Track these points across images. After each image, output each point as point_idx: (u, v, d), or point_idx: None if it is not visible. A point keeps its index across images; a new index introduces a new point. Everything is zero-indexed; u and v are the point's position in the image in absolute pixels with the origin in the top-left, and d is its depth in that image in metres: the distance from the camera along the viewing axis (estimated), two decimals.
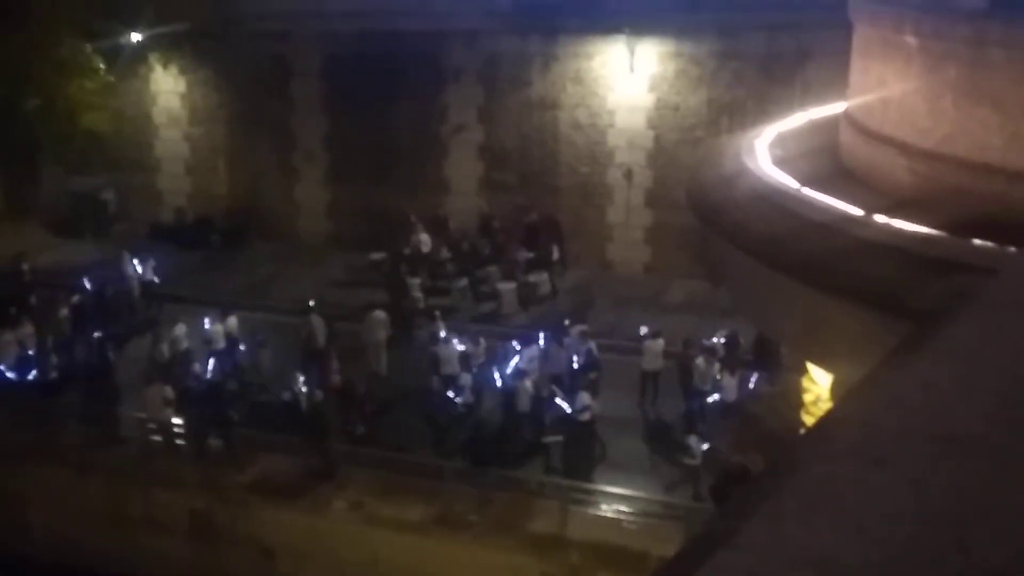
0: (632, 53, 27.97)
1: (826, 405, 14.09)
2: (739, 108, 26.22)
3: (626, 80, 28.25)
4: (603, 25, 27.96)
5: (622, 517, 17.43)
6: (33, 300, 25.28)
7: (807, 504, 3.79)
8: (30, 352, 22.39)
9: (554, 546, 16.99)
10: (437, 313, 23.25)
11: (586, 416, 18.56)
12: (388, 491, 18.53)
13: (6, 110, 30.07)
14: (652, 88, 28.11)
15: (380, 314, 23.05)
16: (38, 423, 21.13)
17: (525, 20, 28.49)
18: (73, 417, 21.12)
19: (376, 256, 27.84)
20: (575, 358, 21.03)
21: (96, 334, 22.62)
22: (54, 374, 21.50)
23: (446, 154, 30.40)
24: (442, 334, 21.91)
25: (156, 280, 26.40)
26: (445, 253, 27.71)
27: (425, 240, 27.85)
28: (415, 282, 25.67)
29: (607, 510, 17.62)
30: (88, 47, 30.66)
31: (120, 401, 21.17)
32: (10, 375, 21.94)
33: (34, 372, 22.10)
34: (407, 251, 27.56)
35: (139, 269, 26.61)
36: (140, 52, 31.82)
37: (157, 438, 20.71)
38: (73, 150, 31.12)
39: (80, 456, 20.35)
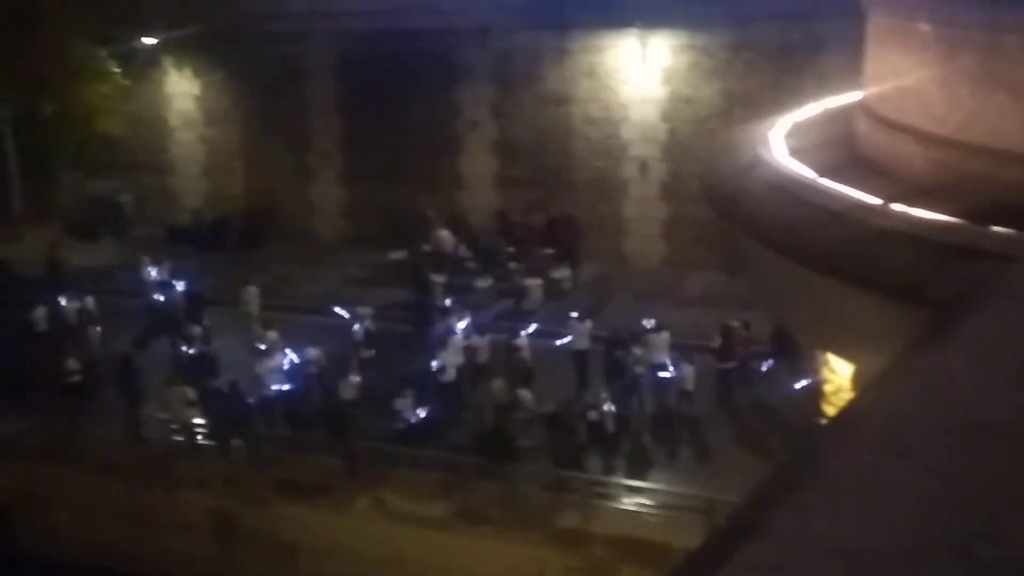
0: (644, 46, 27.93)
1: (847, 395, 14.08)
2: (753, 99, 26.12)
3: (639, 73, 28.22)
4: (615, 19, 27.93)
5: (644, 510, 17.45)
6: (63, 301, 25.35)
7: (833, 495, 3.81)
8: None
9: (577, 540, 17.04)
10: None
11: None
12: (410, 488, 18.60)
13: (24, 116, 30.34)
14: (665, 81, 28.06)
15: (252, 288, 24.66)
16: (62, 425, 21.28)
17: (537, 15, 28.48)
18: (96, 418, 21.22)
19: (395, 255, 27.91)
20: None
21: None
22: (77, 377, 21.63)
23: (460, 151, 30.43)
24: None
25: (174, 283, 26.46)
26: (465, 250, 27.75)
27: (445, 237, 27.90)
28: (438, 279, 25.70)
29: (629, 504, 17.65)
30: (102, 52, 30.84)
31: (143, 402, 21.29)
32: None
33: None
34: (427, 248, 27.62)
35: (157, 272, 26.74)
36: (154, 55, 31.99)
37: (179, 438, 20.86)
38: (89, 154, 31.34)
39: (103, 457, 20.49)
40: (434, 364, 20.63)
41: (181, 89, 32.86)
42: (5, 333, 23.49)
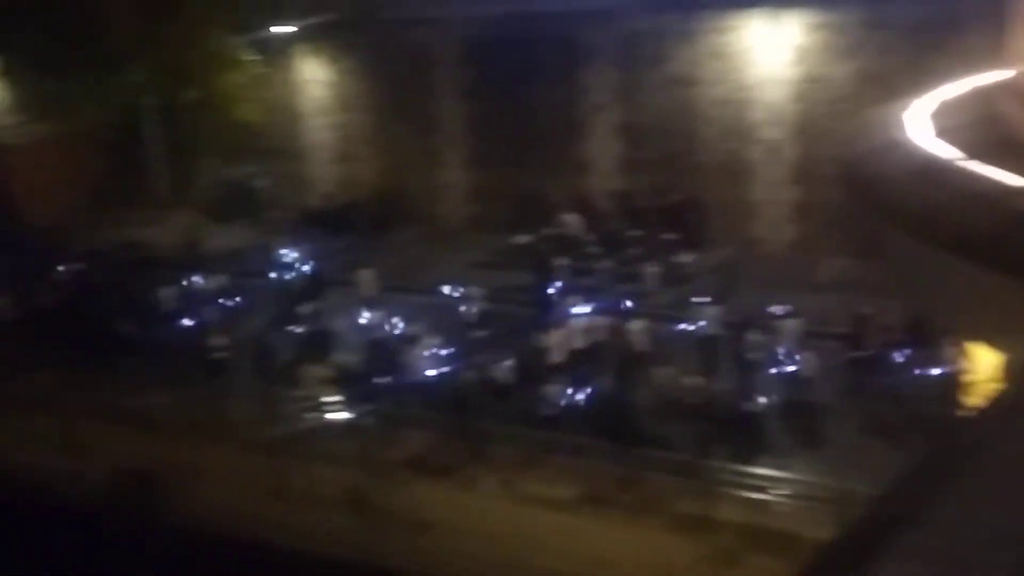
0: (775, 25, 27.39)
1: (994, 385, 13.62)
2: (888, 79, 25.35)
3: (768, 53, 27.70)
4: None
5: (773, 499, 17.25)
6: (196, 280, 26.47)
7: (996, 482, 3.76)
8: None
9: (704, 527, 16.96)
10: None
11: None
12: (537, 469, 18.81)
13: (167, 105, 31.72)
14: (797, 61, 27.47)
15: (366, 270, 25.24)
16: (206, 401, 22.22)
17: None
18: (236, 394, 22.09)
19: (519, 238, 28.16)
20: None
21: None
22: (222, 354, 22.54)
23: (585, 135, 30.45)
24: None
25: (301, 264, 27.26)
26: (589, 234, 27.81)
27: (569, 221, 28.00)
28: (560, 263, 25.87)
29: (757, 492, 17.47)
30: (240, 42, 31.94)
31: (278, 379, 22.05)
32: None
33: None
34: (551, 232, 27.78)
35: (287, 254, 27.63)
36: (289, 44, 32.97)
37: (315, 415, 21.55)
38: (227, 141, 32.57)
39: (242, 432, 21.34)
40: (549, 346, 20.76)
41: (314, 77, 33.81)
42: (142, 311, 24.56)
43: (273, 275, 27.03)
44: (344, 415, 21.16)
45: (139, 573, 20.29)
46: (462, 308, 23.80)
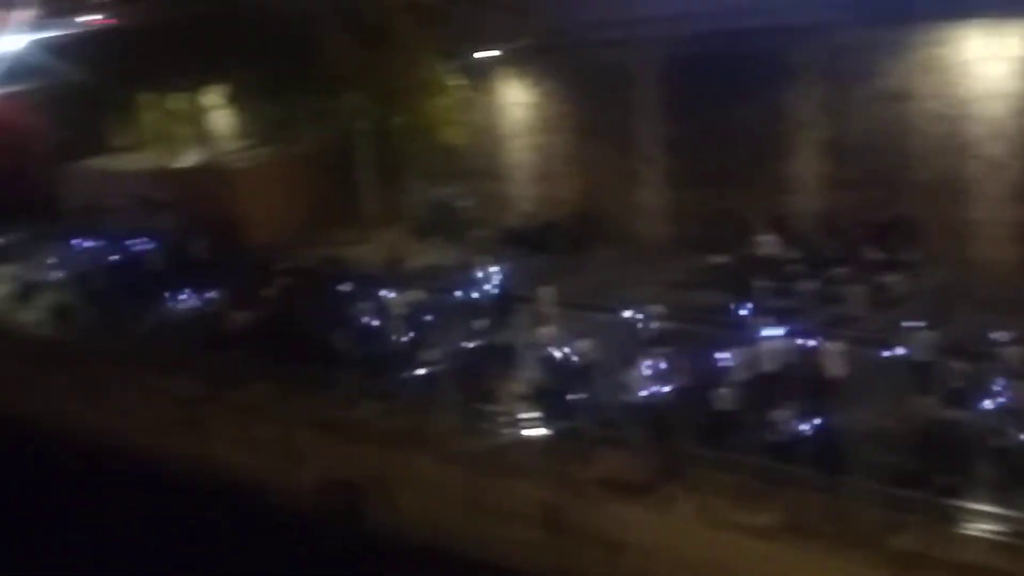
0: (994, 37, 25.93)
1: None
2: None
3: (986, 66, 26.24)
4: (959, 8, 26.11)
5: (993, 537, 16.22)
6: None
7: None
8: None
9: (916, 564, 16.13)
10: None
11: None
12: (735, 494, 18.43)
13: (380, 128, 33.23)
14: (1019, 73, 25.89)
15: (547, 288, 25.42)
16: (409, 413, 22.99)
17: (871, 9, 27.19)
18: (439, 407, 22.77)
19: (718, 259, 27.76)
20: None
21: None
22: (431, 368, 23.27)
23: (788, 153, 29.71)
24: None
25: (501, 282, 27.74)
26: (791, 254, 27.08)
27: (769, 241, 27.38)
28: (760, 284, 25.32)
29: (975, 529, 16.47)
30: (447, 67, 33.07)
31: (479, 394, 22.53)
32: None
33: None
34: (749, 252, 27.24)
35: (485, 271, 28.23)
36: (492, 69, 33.87)
37: (511, 430, 21.94)
38: (433, 162, 33.75)
39: (443, 445, 21.95)
40: (736, 368, 20.30)
41: (516, 99, 34.58)
42: (350, 324, 25.62)
43: (472, 292, 27.70)
44: (540, 431, 21.44)
45: None
46: (644, 326, 23.66)
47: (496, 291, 27.55)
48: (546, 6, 31.63)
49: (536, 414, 21.51)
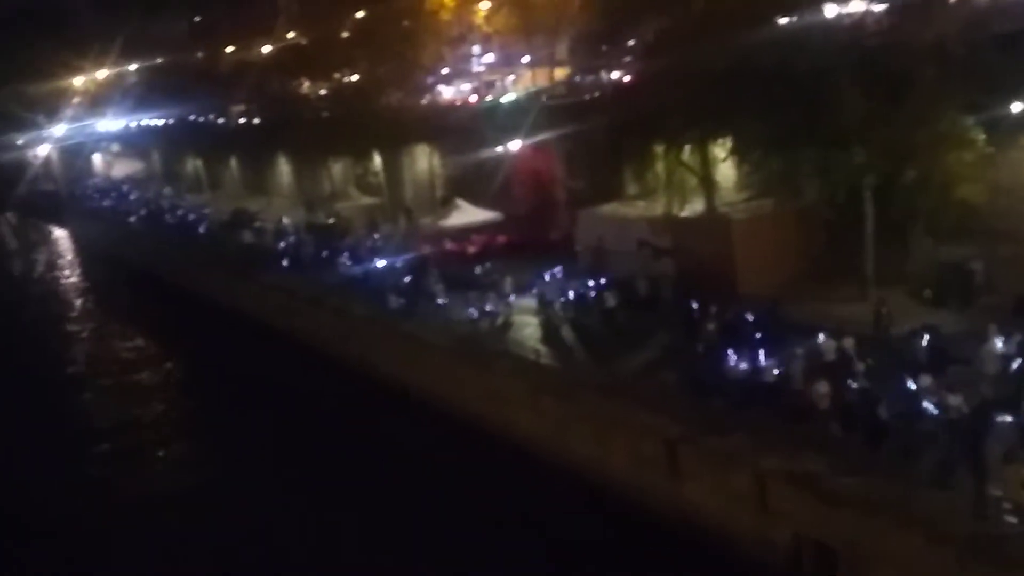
0: None
1: None
2: None
3: None
4: None
5: None
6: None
7: None
8: None
9: None
10: None
11: None
12: None
13: (886, 183, 31.76)
14: None
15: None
16: (895, 480, 21.49)
17: None
18: (928, 478, 21.05)
19: None
20: None
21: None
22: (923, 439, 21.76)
23: None
24: None
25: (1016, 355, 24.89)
26: None
27: None
28: None
29: None
30: (968, 120, 30.82)
31: (988, 474, 20.43)
32: None
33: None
34: None
35: (1002, 343, 25.46)
36: (1018, 122, 30.92)
37: (1012, 519, 19.60)
38: (945, 220, 31.52)
39: (934, 522, 20.15)
40: None
41: None
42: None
43: (986, 364, 25.19)
44: None
45: None
46: None
47: (1012, 365, 24.77)
48: None
49: None
